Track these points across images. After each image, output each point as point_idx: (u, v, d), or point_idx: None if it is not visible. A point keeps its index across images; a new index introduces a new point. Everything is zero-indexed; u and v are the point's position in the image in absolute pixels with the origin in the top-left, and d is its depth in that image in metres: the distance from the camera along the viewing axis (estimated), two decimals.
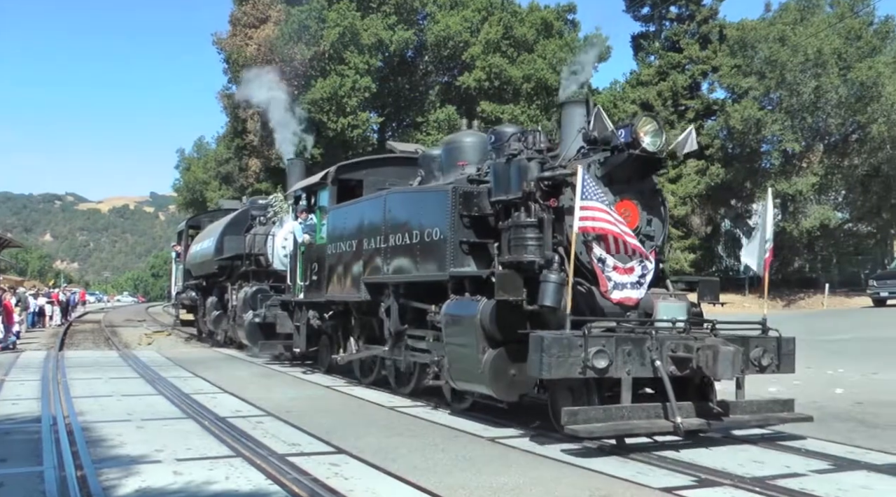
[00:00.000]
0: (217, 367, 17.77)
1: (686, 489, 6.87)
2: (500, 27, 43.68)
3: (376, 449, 8.40)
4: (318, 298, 15.21)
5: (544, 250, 9.59)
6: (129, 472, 7.19)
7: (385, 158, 16.46)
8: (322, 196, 15.74)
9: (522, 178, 9.84)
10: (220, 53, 46.51)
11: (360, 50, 41.42)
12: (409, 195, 12.42)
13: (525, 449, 8.58)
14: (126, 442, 8.64)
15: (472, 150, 12.50)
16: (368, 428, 9.87)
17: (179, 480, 6.90)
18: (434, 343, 11.25)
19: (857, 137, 38.15)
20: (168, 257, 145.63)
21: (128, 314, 57.13)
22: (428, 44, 44.69)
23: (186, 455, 7.99)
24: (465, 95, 44.15)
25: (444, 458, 8.03)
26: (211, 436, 9.22)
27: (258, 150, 44.68)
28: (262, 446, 8.50)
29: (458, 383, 10.30)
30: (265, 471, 7.31)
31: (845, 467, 7.84)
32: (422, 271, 11.28)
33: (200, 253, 26.43)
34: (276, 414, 10.81)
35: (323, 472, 7.29)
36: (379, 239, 12.55)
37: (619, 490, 6.83)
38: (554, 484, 6.98)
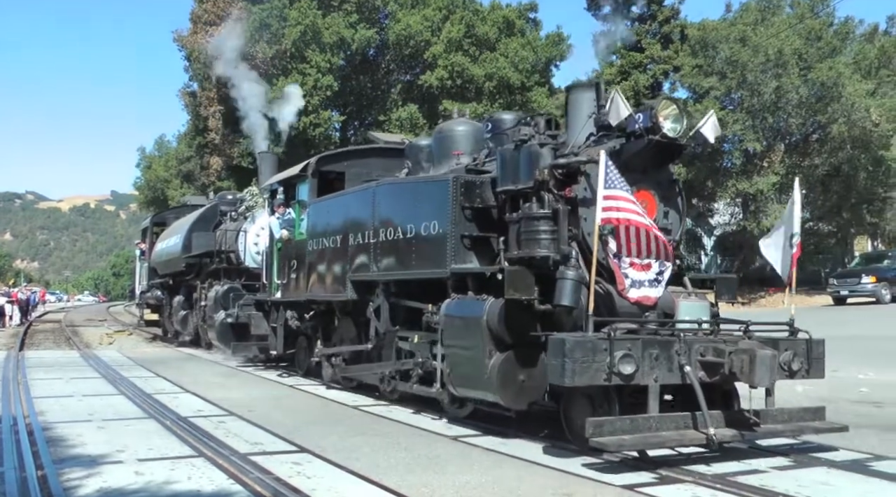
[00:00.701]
0: (179, 367, 17.66)
1: (647, 486, 6.94)
2: (462, 26, 43.73)
3: (339, 448, 8.40)
4: (298, 298, 14.43)
5: (559, 245, 8.84)
6: (90, 472, 7.14)
7: (368, 149, 15.72)
8: (301, 189, 14.79)
9: (534, 165, 9.08)
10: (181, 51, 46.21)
11: (322, 48, 41.30)
12: (402, 186, 11.59)
13: (488, 448, 8.61)
14: (87, 442, 8.58)
15: (466, 140, 11.84)
16: (332, 427, 9.87)
17: (141, 480, 6.86)
18: (420, 344, 10.71)
19: (817, 137, 38.57)
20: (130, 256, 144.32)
21: (89, 314, 56.53)
22: (389, 42, 44.66)
23: (148, 455, 7.95)
24: (428, 94, 44.16)
25: (408, 457, 8.05)
26: (173, 436, 9.17)
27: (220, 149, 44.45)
28: (225, 446, 8.47)
29: (459, 389, 9.52)
30: (227, 470, 7.29)
31: None
32: (417, 268, 10.55)
33: (167, 251, 25.66)
34: (239, 413, 10.76)
35: (285, 471, 7.28)
36: (367, 234, 11.75)
37: (581, 488, 6.88)
38: (517, 482, 7.02)
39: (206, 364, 18.88)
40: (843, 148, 36.91)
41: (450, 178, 10.05)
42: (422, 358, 10.58)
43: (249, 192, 22.15)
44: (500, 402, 8.92)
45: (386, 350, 11.81)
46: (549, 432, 9.20)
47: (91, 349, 24.26)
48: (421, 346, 10.64)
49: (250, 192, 22.02)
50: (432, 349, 10.29)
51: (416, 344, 10.82)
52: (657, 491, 6.80)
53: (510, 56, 43.67)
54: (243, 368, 17.37)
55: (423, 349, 10.55)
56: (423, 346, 10.57)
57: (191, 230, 23.24)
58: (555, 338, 7.71)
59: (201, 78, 43.75)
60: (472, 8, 46.09)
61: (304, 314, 14.53)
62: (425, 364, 10.45)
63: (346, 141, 43.91)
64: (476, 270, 9.55)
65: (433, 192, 10.38)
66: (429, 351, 10.38)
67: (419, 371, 10.61)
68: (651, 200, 9.20)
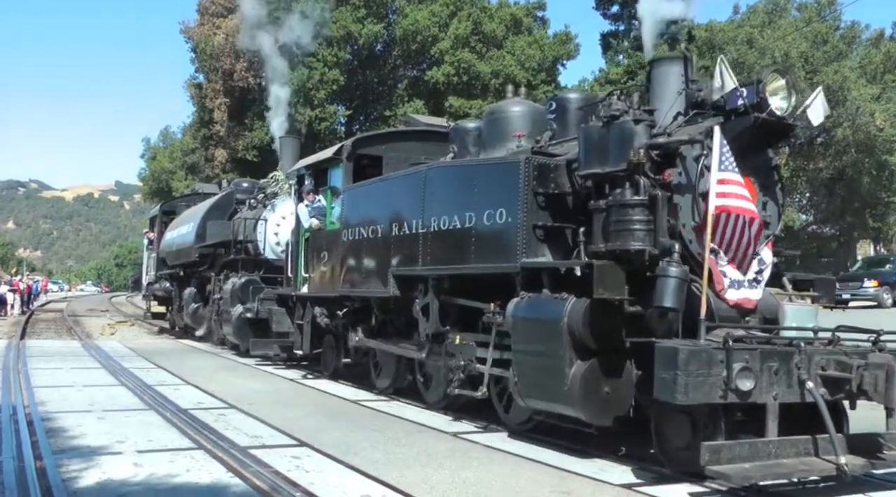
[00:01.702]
0: (180, 359, 17.67)
1: (645, 486, 6.95)
2: (470, 22, 43.71)
3: (339, 442, 8.41)
4: (329, 293, 13.09)
5: (658, 237, 7.75)
6: (89, 463, 7.15)
7: (409, 132, 14.40)
8: (334, 174, 13.59)
9: (627, 145, 7.88)
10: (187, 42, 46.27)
11: (329, 42, 41.30)
12: (461, 170, 10.25)
13: (487, 444, 8.63)
14: (87, 433, 8.58)
15: (524, 121, 10.59)
16: (332, 421, 9.88)
17: (140, 472, 6.87)
18: (464, 346, 9.77)
19: (822, 141, 38.55)
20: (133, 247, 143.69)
21: (91, 304, 56.58)
22: (397, 38, 44.64)
23: (147, 447, 7.96)
24: (434, 90, 44.15)
25: (407, 453, 8.06)
26: (173, 428, 9.18)
27: (224, 141, 44.48)
28: (224, 439, 8.49)
29: (529, 401, 8.37)
30: (226, 463, 7.30)
31: None
32: (477, 262, 9.32)
33: (178, 240, 24.24)
34: (239, 406, 10.78)
35: (284, 464, 7.30)
36: (416, 223, 10.54)
37: (579, 486, 6.89)
38: (515, 479, 7.03)
39: (207, 356, 18.90)
40: (848, 152, 36.90)
41: (521, 159, 8.77)
42: (464, 360, 9.68)
43: (274, 177, 20.81)
44: (581, 418, 7.80)
45: (434, 354, 10.68)
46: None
47: (92, 339, 24.31)
48: (464, 347, 9.76)
49: (275, 177, 20.69)
50: (478, 351, 9.46)
51: (458, 345, 9.89)
52: (655, 490, 6.82)
53: (517, 54, 43.65)
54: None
55: (467, 351, 9.69)
56: (466, 347, 9.71)
57: (205, 218, 21.80)
58: (665, 346, 6.74)
59: (207, 70, 43.78)
60: (480, 5, 46.05)
61: (336, 311, 13.21)
62: (468, 367, 9.60)
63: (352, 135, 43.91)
64: (556, 265, 8.24)
65: (500, 176, 9.13)
66: (473, 353, 9.53)
67: (461, 375, 9.69)
68: (751, 189, 7.95)
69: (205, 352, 20.13)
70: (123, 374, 14.39)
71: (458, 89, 43.24)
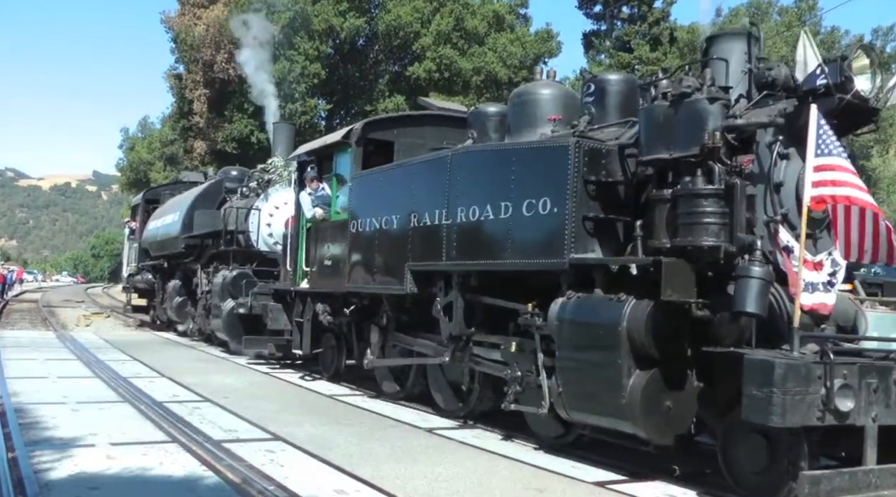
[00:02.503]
0: (156, 351, 17.58)
1: (619, 483, 7.01)
2: (452, 19, 43.68)
3: (313, 437, 8.43)
4: (334, 289, 12.13)
5: (735, 232, 6.87)
6: (61, 455, 7.12)
7: (423, 116, 13.24)
8: (340, 160, 12.56)
9: (700, 127, 7.05)
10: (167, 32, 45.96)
11: (311, 36, 41.18)
12: (495, 154, 9.06)
13: (461, 440, 8.66)
14: (60, 425, 8.54)
15: (555, 104, 9.56)
16: (306, 416, 9.88)
17: (113, 465, 6.85)
18: (520, 354, 8.54)
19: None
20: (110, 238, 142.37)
21: (66, 295, 56.20)
22: (379, 32, 44.56)
23: (121, 439, 7.93)
24: (415, 86, 44.05)
25: (381, 448, 8.08)
26: (147, 420, 9.15)
27: (204, 133, 44.23)
28: (199, 432, 8.47)
29: (575, 414, 7.59)
30: (200, 457, 7.30)
31: None
32: (514, 257, 8.35)
33: (162, 230, 23.12)
34: (214, 400, 10.76)
35: (259, 458, 7.30)
36: (438, 214, 9.59)
37: (553, 484, 6.94)
38: (489, 476, 7.07)
39: (185, 349, 18.83)
40: None
41: (570, 142, 7.83)
42: (521, 370, 8.43)
43: (272, 163, 19.52)
44: (639, 435, 7.03)
45: (456, 358, 9.80)
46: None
47: (67, 330, 24.14)
48: (521, 356, 8.50)
49: (273, 163, 19.40)
50: (536, 360, 8.22)
51: (512, 353, 8.64)
52: (629, 488, 6.87)
53: (499, 51, 43.66)
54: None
55: (524, 360, 8.43)
56: (524, 356, 8.45)
57: (192, 207, 20.65)
58: (758, 359, 6.01)
59: (187, 60, 43.53)
60: (463, 1, 46.03)
61: (340, 309, 12.27)
62: (526, 379, 8.36)
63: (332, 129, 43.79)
64: (622, 262, 7.35)
65: (545, 162, 8.15)
66: (532, 362, 8.27)
67: (517, 387, 8.44)
68: None
69: (181, 345, 20.04)
70: (98, 365, 14.32)
71: (439, 86, 43.20)
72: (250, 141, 40.26)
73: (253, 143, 40.15)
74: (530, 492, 6.59)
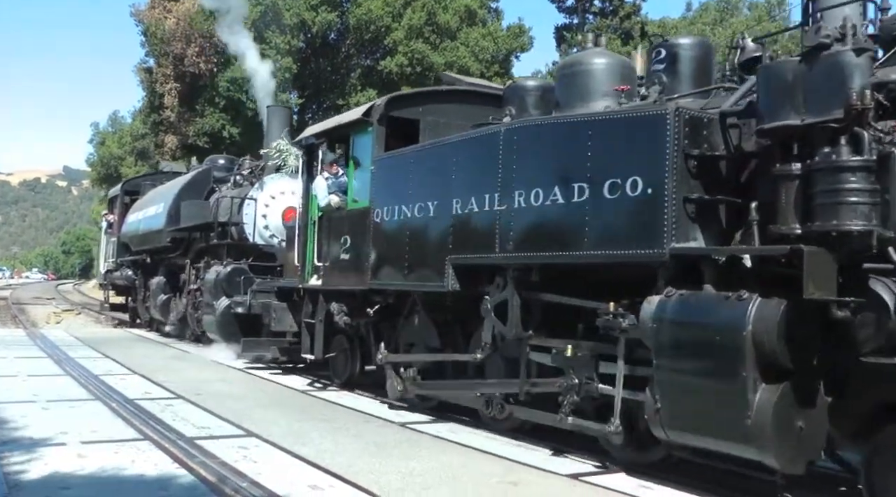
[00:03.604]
0: (128, 348, 17.46)
1: (593, 475, 7.04)
2: (424, 13, 43.63)
3: (287, 432, 8.41)
4: (354, 286, 10.76)
5: (892, 212, 5.72)
6: (32, 455, 7.06)
7: (451, 92, 12.01)
8: (358, 141, 11.17)
9: (844, 85, 5.81)
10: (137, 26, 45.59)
11: (282, 30, 41.02)
12: (566, 127, 7.72)
13: (435, 434, 8.68)
14: (30, 424, 8.46)
15: (611, 75, 8.42)
16: (281, 412, 9.86)
17: (84, 464, 6.80)
18: (578, 358, 7.52)
19: None
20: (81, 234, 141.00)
21: (36, 292, 55.75)
22: (350, 26, 44.46)
23: (92, 438, 7.87)
24: (387, 80, 44.02)
25: (355, 443, 8.07)
26: (118, 418, 9.09)
27: (175, 127, 43.95)
28: (171, 429, 8.43)
29: (678, 434, 6.37)
30: (173, 454, 7.26)
31: None
32: (595, 248, 7.13)
33: (144, 223, 21.66)
34: (187, 397, 10.70)
35: (232, 455, 7.28)
36: (489, 198, 8.31)
37: (528, 476, 6.95)
38: (462, 469, 7.08)
39: (157, 346, 18.71)
40: None
41: (669, 110, 6.70)
42: (578, 378, 7.48)
43: (277, 147, 17.53)
44: (768, 462, 5.89)
45: (494, 364, 8.85)
46: None
47: (38, 328, 23.95)
48: (579, 361, 7.53)
49: (278, 147, 17.45)
50: (598, 366, 7.39)
51: (570, 357, 7.61)
52: (603, 480, 6.90)
53: (470, 45, 43.69)
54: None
55: (584, 366, 7.48)
56: (583, 361, 7.49)
57: (178, 198, 19.28)
58: None
59: (158, 54, 43.21)
60: None
61: (359, 308, 11.06)
62: (586, 388, 7.42)
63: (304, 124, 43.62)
64: (755, 252, 6.25)
65: (634, 134, 6.97)
66: (593, 369, 7.40)
67: (575, 397, 7.47)
68: None
69: (154, 341, 19.92)
70: (69, 363, 14.20)
71: (411, 80, 43.12)
72: (222, 135, 40.02)
73: (225, 137, 39.92)
74: (504, 485, 6.61)
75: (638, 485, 6.78)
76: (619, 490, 6.57)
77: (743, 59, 7.02)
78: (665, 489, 6.72)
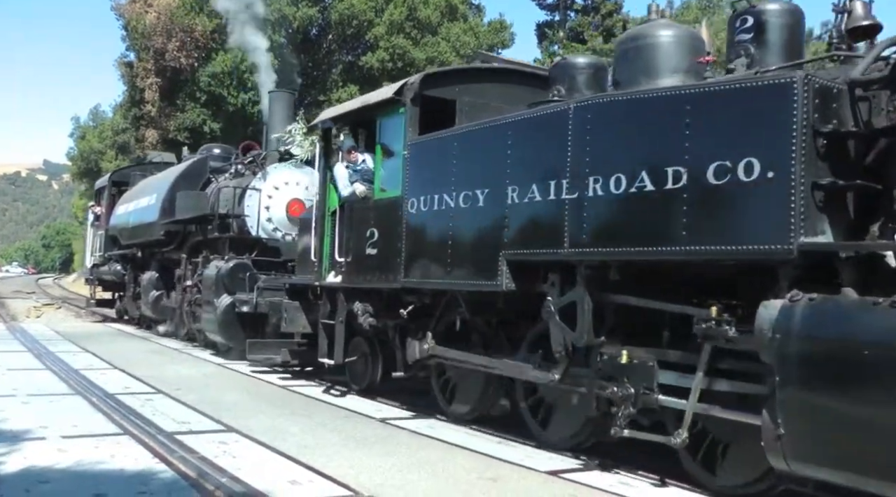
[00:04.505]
0: (109, 343, 17.42)
1: (572, 472, 7.08)
2: (405, 8, 43.63)
3: (267, 428, 8.42)
4: (384, 284, 9.71)
5: None
6: (11, 448, 7.06)
7: (491, 70, 10.89)
8: (387, 125, 10.08)
9: None
10: (118, 20, 45.38)
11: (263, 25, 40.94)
12: (662, 100, 6.55)
13: (415, 430, 8.71)
14: (9, 417, 8.45)
15: (680, 48, 7.51)
16: (260, 407, 9.87)
17: (64, 458, 6.80)
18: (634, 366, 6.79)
19: None
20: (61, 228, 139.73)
21: (16, 286, 55.34)
22: (332, 22, 44.40)
23: (72, 432, 7.88)
24: (369, 75, 44.01)
25: (335, 438, 8.10)
26: (98, 413, 9.09)
27: (156, 121, 43.80)
28: (151, 424, 8.44)
29: (806, 467, 5.39)
30: (152, 449, 7.27)
31: None
32: (695, 242, 6.09)
33: (135, 215, 20.55)
34: (167, 391, 10.70)
35: (212, 450, 7.29)
36: (556, 186, 7.27)
37: (507, 472, 6.99)
38: (442, 465, 7.12)
39: (137, 341, 18.66)
40: None
41: (797, 77, 5.64)
42: (634, 387, 6.75)
43: (295, 129, 16.10)
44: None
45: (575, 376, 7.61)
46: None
47: (17, 322, 23.81)
48: (636, 368, 6.80)
49: (291, 131, 16.06)
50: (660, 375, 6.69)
51: (625, 364, 6.86)
52: (581, 477, 6.94)
53: (452, 41, 43.72)
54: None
55: (641, 374, 6.75)
56: (640, 368, 6.76)
57: (173, 189, 18.20)
58: None
59: (139, 48, 43.03)
60: None
61: (387, 309, 10.09)
62: (643, 399, 6.71)
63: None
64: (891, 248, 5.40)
65: (751, 107, 5.90)
66: (651, 379, 6.68)
67: (630, 409, 6.76)
68: None
69: (134, 336, 19.86)
70: (49, 357, 14.16)
71: (392, 75, 43.07)
72: (202, 130, 39.88)
73: (205, 132, 39.78)
74: (484, 481, 6.64)
75: (617, 481, 6.83)
76: (597, 487, 6.62)
77: (852, 25, 6.25)
78: (644, 484, 6.79)
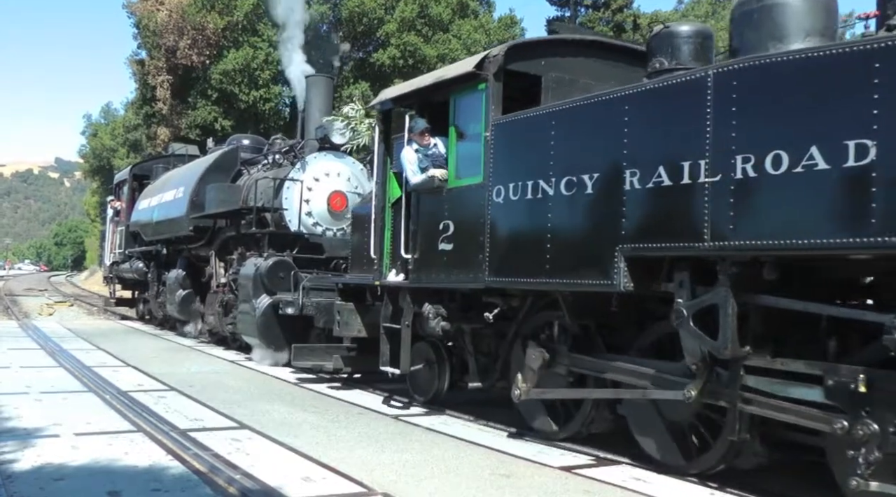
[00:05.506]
0: (121, 340, 17.46)
1: (585, 468, 7.05)
2: (416, 5, 43.61)
3: (280, 424, 8.43)
4: (464, 283, 8.50)
5: None
6: (25, 445, 7.07)
7: (579, 42, 9.28)
8: (465, 103, 8.78)
9: None
10: (130, 18, 45.48)
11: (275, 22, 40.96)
12: (837, 58, 5.33)
13: (428, 427, 8.69)
14: (23, 415, 8.47)
15: (811, 11, 6.28)
16: (273, 404, 9.87)
17: (77, 456, 6.81)
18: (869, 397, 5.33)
19: None
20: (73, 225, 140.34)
21: (29, 283, 55.62)
22: (343, 19, 44.40)
23: (86, 429, 7.88)
24: (379, 72, 44.01)
25: (348, 435, 8.08)
26: (112, 410, 9.09)
27: (167, 119, 43.90)
28: (164, 421, 8.44)
29: None
30: (165, 446, 7.27)
31: None
32: (887, 232, 4.89)
33: (159, 210, 19.35)
34: (180, 388, 10.71)
35: (225, 447, 7.29)
36: (691, 167, 6.11)
37: (520, 469, 6.97)
38: (455, 462, 7.10)
39: (150, 338, 18.70)
40: None
41: None
42: (881, 425, 5.26)
43: (352, 110, 15.10)
44: None
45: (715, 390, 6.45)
46: None
47: (30, 319, 23.90)
48: (882, 400, 5.30)
49: (353, 109, 14.98)
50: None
51: (860, 393, 5.34)
52: (595, 473, 6.91)
53: (463, 38, 43.68)
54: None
55: (888, 407, 5.27)
56: (887, 401, 5.27)
57: (202, 181, 17.17)
58: None
59: (150, 46, 43.12)
60: None
61: (460, 312, 9.10)
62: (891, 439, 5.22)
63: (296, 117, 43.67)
64: None
65: None
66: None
67: (875, 454, 5.23)
68: None
69: (146, 333, 19.92)
70: (62, 355, 14.20)
71: (403, 73, 43.05)
72: (214, 128, 39.92)
73: (217, 130, 39.82)
74: (497, 478, 6.62)
75: (630, 476, 6.81)
76: (612, 482, 6.59)
77: None
78: (661, 477, 6.75)
